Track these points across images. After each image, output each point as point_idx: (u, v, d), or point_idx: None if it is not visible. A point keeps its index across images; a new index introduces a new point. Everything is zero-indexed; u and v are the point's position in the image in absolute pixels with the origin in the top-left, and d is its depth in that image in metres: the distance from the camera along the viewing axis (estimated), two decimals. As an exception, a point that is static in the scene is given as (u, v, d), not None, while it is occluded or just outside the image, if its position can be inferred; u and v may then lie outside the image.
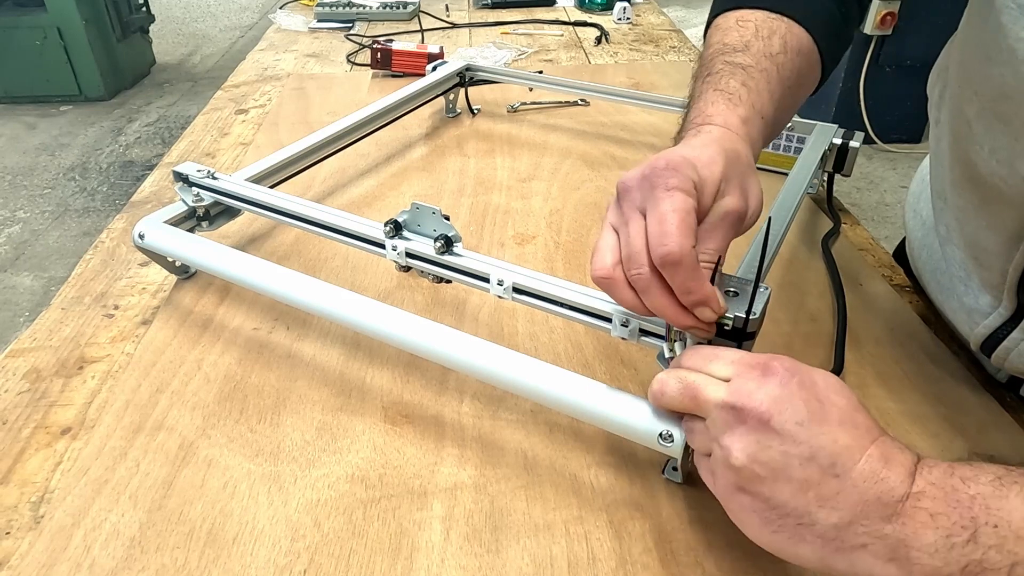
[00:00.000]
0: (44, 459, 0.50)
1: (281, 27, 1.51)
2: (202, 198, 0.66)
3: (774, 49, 0.51)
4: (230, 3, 5.11)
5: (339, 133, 0.80)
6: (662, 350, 0.46)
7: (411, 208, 0.55)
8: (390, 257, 0.56)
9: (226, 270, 0.59)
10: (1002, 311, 0.50)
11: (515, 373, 0.47)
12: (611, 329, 0.48)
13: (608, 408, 0.44)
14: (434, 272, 0.55)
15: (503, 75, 1.02)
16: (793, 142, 0.84)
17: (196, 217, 0.67)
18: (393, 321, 0.51)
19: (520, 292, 0.52)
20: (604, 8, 1.58)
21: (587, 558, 0.43)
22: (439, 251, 0.54)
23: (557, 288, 0.50)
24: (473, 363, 0.48)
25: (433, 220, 0.54)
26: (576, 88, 0.98)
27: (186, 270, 0.68)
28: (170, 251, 0.63)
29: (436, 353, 0.50)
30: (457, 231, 0.54)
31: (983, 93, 0.45)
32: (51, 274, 2.23)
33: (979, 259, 0.51)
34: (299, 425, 0.52)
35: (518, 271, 0.52)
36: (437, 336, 0.50)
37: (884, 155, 2.80)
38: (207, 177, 0.66)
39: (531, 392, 0.47)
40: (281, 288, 0.56)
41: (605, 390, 0.45)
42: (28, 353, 0.59)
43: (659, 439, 0.42)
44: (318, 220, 0.60)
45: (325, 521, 0.45)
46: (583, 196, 0.82)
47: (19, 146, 3.01)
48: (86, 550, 0.43)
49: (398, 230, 0.56)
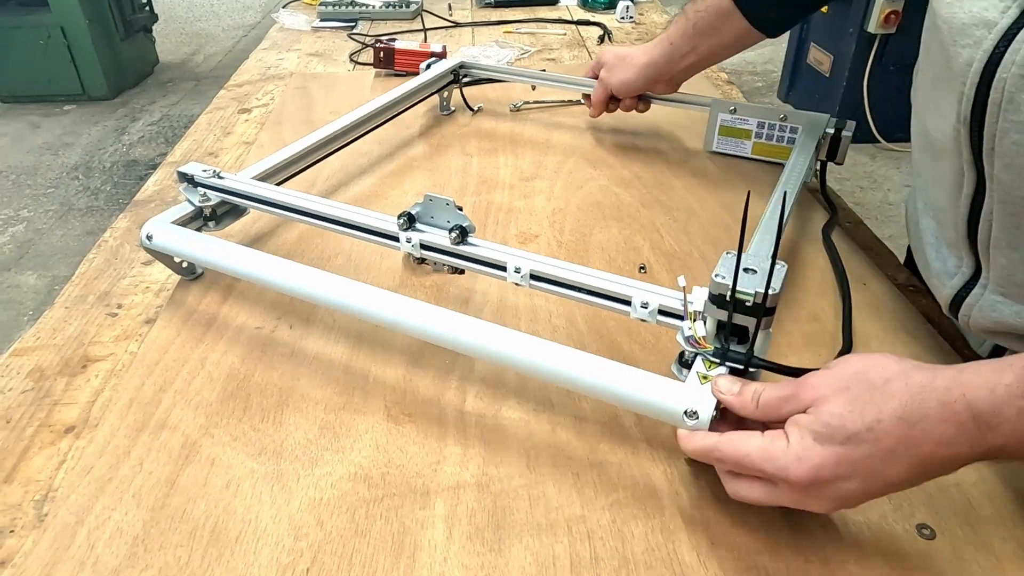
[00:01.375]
0: (48, 458, 0.50)
1: (284, 26, 1.51)
2: (209, 198, 0.66)
3: (699, 7, 0.79)
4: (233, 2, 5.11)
5: (339, 132, 0.80)
6: (682, 329, 0.47)
7: (424, 200, 0.55)
8: (404, 249, 0.57)
9: (240, 268, 0.59)
10: (965, 269, 0.53)
11: (536, 357, 0.48)
12: (630, 311, 0.49)
13: (631, 387, 0.45)
14: (449, 263, 0.56)
15: (497, 72, 1.02)
16: (787, 132, 0.85)
17: (203, 217, 0.67)
18: (426, 314, 0.51)
19: (537, 279, 0.52)
20: (607, 7, 1.58)
21: (590, 557, 0.43)
22: (455, 241, 0.54)
23: (574, 273, 0.51)
24: (496, 349, 0.49)
25: (447, 211, 0.55)
26: (575, 85, 0.97)
27: (193, 270, 0.67)
28: (180, 251, 0.63)
29: (461, 342, 0.50)
30: (471, 221, 0.55)
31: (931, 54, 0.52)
32: (55, 273, 2.24)
33: (939, 220, 0.55)
34: (302, 424, 0.52)
35: (535, 258, 0.53)
36: (462, 325, 0.50)
37: (888, 154, 2.79)
38: (213, 177, 0.66)
39: (553, 375, 0.47)
40: (297, 283, 0.56)
41: (628, 370, 0.45)
42: (32, 352, 0.60)
43: (684, 416, 0.43)
44: (330, 215, 0.61)
45: (328, 520, 0.45)
46: (586, 195, 0.82)
47: (23, 145, 3.02)
48: (89, 548, 0.43)
49: (412, 222, 0.56)
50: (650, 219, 0.77)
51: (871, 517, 0.45)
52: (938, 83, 0.50)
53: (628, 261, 0.70)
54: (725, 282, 0.44)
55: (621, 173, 0.87)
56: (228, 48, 4.24)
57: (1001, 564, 0.42)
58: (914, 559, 0.42)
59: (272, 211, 0.65)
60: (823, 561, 0.42)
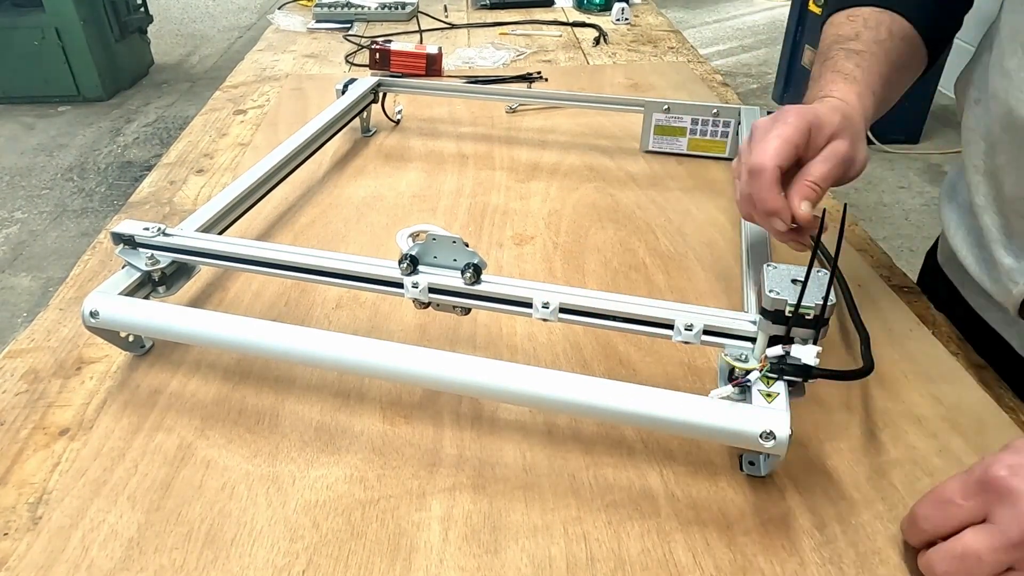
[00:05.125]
0: (42, 460, 0.50)
1: (279, 28, 1.51)
2: (157, 260, 0.57)
3: (882, 36, 0.59)
4: (228, 3, 5.10)
5: (292, 153, 0.76)
6: (723, 350, 0.47)
7: (426, 240, 0.51)
8: (410, 295, 0.51)
9: (220, 337, 0.51)
10: None
11: (588, 397, 0.45)
12: (672, 335, 0.47)
13: (701, 417, 0.43)
14: (463, 304, 0.51)
15: (418, 88, 1.00)
16: (719, 127, 0.89)
17: (152, 282, 0.58)
18: (444, 363, 0.47)
19: (567, 312, 0.49)
20: (602, 9, 1.58)
21: (586, 559, 0.43)
22: (469, 282, 0.50)
23: (609, 303, 0.48)
24: (538, 392, 0.45)
25: (453, 250, 0.51)
26: (507, 96, 0.99)
27: (142, 345, 0.58)
28: (140, 326, 0.53)
29: (490, 388, 0.46)
30: (482, 257, 0.51)
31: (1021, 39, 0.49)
32: (49, 275, 2.23)
33: (1022, 212, 0.54)
34: (297, 426, 0.52)
35: (564, 291, 0.49)
36: (493, 371, 0.46)
37: (882, 156, 2.80)
38: (159, 235, 0.57)
39: (611, 415, 0.45)
40: (280, 346, 0.50)
41: (692, 399, 0.44)
42: (26, 354, 0.59)
43: (760, 439, 0.42)
44: (318, 267, 0.54)
45: (324, 522, 0.45)
46: (581, 197, 0.82)
47: (17, 146, 3.01)
48: (84, 551, 0.43)
49: (415, 265, 0.51)
50: (646, 220, 0.77)
51: (867, 518, 0.45)
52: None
53: (624, 263, 0.70)
54: (781, 297, 0.43)
55: (618, 176, 0.87)
56: (223, 49, 4.24)
57: (995, 564, 0.42)
58: (910, 560, 0.43)
59: (247, 269, 0.56)
60: (819, 563, 0.42)
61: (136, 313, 0.53)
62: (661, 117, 0.90)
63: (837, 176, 0.51)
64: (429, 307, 0.53)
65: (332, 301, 0.64)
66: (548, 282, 0.52)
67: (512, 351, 0.59)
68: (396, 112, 1.01)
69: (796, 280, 0.44)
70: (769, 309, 0.44)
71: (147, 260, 0.57)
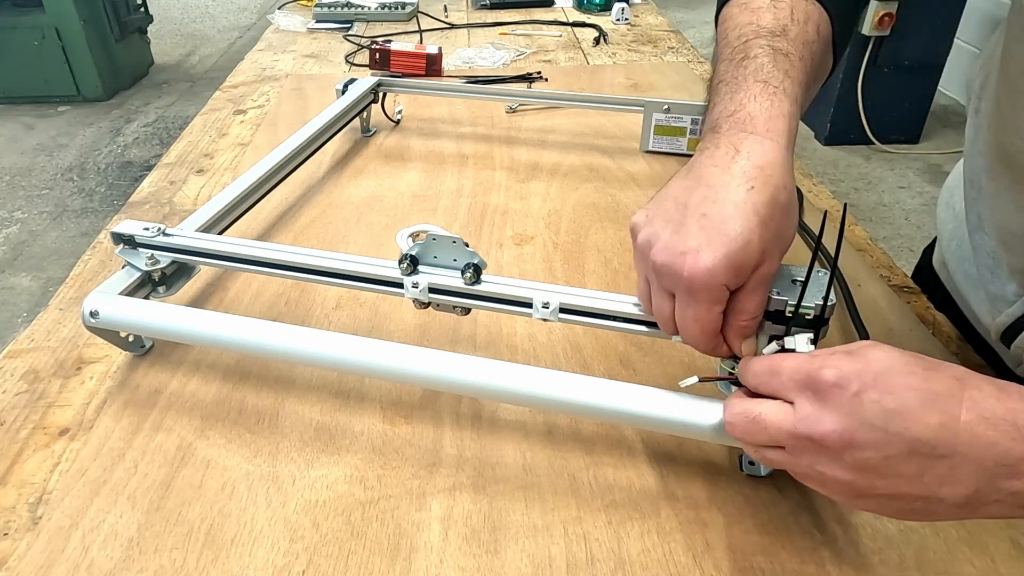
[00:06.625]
0: (42, 460, 0.50)
1: (279, 28, 1.51)
2: (158, 260, 0.57)
3: (810, 36, 0.47)
4: (228, 4, 5.10)
5: (292, 153, 0.76)
6: None
7: (426, 240, 0.51)
8: (410, 295, 0.52)
9: (221, 337, 0.51)
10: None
11: (597, 398, 0.45)
12: (675, 337, 0.47)
13: (702, 418, 0.43)
14: (464, 304, 0.52)
15: (418, 88, 1.00)
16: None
17: (152, 282, 0.58)
18: (448, 363, 0.47)
19: (568, 312, 0.49)
20: (603, 9, 1.58)
21: (586, 559, 0.43)
22: (469, 282, 0.50)
23: (609, 303, 0.48)
24: (541, 393, 0.45)
25: (453, 250, 0.51)
26: (507, 96, 0.99)
27: (142, 345, 0.59)
28: (140, 326, 0.54)
29: (494, 388, 0.46)
30: (482, 258, 0.51)
31: (1013, 72, 0.45)
32: (49, 275, 2.23)
33: (1007, 244, 0.51)
34: (297, 426, 0.52)
35: (564, 291, 0.49)
36: (496, 371, 0.46)
37: (882, 156, 2.80)
38: (159, 235, 0.57)
39: (606, 414, 0.45)
40: (280, 346, 0.50)
41: (694, 400, 0.43)
42: (26, 354, 0.59)
43: None
44: (318, 267, 0.54)
45: (324, 522, 0.45)
46: (581, 197, 0.82)
47: (17, 146, 3.01)
48: (84, 551, 0.43)
49: (415, 265, 0.51)
50: (646, 221, 0.77)
51: (865, 517, 0.45)
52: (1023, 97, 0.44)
53: (624, 263, 0.70)
54: (781, 297, 0.44)
55: (618, 176, 0.87)
56: (223, 49, 4.23)
57: (995, 563, 0.42)
58: (909, 559, 0.43)
59: (247, 269, 0.57)
60: (818, 562, 0.42)
61: (136, 313, 0.53)
62: (661, 117, 0.90)
63: (767, 294, 0.43)
64: (429, 307, 0.53)
65: (332, 301, 0.64)
66: (548, 282, 0.52)
67: (512, 351, 0.59)
68: (396, 112, 1.01)
69: (796, 280, 0.45)
70: (769, 309, 0.44)
71: (147, 260, 0.57)
